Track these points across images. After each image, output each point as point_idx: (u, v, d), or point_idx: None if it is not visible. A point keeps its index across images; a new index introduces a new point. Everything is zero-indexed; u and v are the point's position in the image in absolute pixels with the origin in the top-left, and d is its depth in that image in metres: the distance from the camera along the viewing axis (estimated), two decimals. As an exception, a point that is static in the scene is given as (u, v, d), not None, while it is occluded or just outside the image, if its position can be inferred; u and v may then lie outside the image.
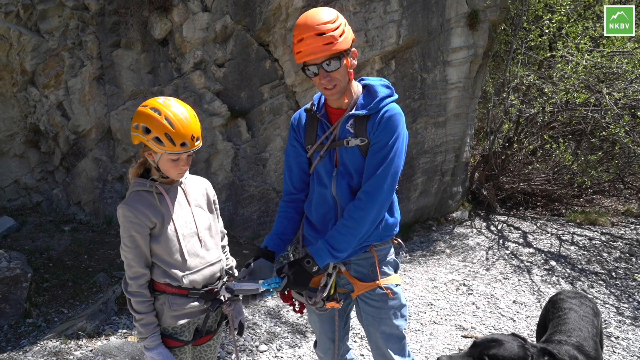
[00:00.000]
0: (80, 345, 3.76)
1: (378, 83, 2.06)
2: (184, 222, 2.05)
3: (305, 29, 1.85)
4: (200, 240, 2.09)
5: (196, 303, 2.06)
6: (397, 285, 2.15)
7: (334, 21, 1.85)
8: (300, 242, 2.25)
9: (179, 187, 2.09)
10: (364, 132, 1.98)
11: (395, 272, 2.19)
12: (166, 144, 1.85)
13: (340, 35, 1.86)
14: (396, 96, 2.04)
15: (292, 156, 2.22)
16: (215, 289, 2.11)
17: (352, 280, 2.14)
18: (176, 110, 1.89)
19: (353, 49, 1.96)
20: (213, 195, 2.25)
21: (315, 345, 2.46)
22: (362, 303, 2.16)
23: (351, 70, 1.98)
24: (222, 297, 2.10)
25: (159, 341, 1.97)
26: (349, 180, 2.04)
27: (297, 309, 2.28)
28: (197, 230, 2.08)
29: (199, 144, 1.94)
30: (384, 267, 2.15)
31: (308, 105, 2.18)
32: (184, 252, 2.01)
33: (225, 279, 2.20)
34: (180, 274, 2.00)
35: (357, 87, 2.08)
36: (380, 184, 1.94)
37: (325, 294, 2.07)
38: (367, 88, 2.06)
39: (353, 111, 2.01)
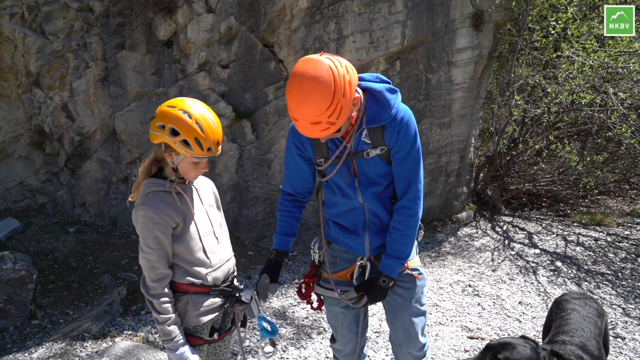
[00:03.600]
0: (86, 346, 3.76)
1: (382, 87, 1.96)
2: (201, 221, 2.07)
3: (299, 115, 1.74)
4: (216, 238, 2.13)
5: (217, 299, 2.10)
6: (420, 266, 2.25)
7: (329, 105, 1.69)
8: (324, 241, 2.27)
9: (192, 187, 2.11)
10: (382, 140, 1.97)
11: (417, 254, 2.27)
12: (194, 148, 1.85)
13: (339, 116, 1.73)
14: (399, 94, 2.00)
15: (293, 169, 2.22)
16: (231, 285, 2.19)
17: None
18: (205, 114, 1.88)
19: (355, 98, 1.81)
20: (217, 194, 2.30)
21: (332, 340, 2.47)
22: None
23: (353, 114, 1.90)
24: (237, 294, 2.16)
25: (185, 339, 1.98)
26: (375, 188, 2.06)
27: (314, 307, 2.34)
28: (212, 229, 2.12)
29: (220, 148, 1.96)
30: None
31: None
32: (206, 250, 2.05)
33: (235, 273, 2.27)
34: (204, 271, 2.03)
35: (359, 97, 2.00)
36: (419, 187, 2.03)
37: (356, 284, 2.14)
38: (371, 94, 1.96)
39: (365, 125, 1.95)
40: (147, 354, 3.53)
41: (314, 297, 2.36)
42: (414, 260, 2.22)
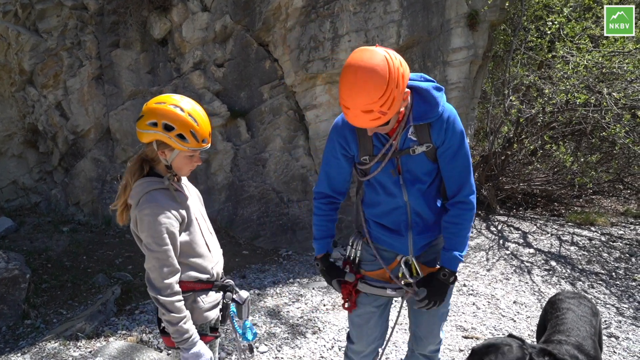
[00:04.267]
0: (79, 346, 3.74)
1: (428, 85, 1.97)
2: (198, 216, 2.10)
3: (352, 103, 1.74)
4: (210, 233, 2.17)
5: (218, 294, 2.13)
6: None
7: (383, 94, 1.69)
8: (370, 241, 2.26)
9: (182, 184, 2.12)
10: (428, 138, 1.99)
11: None
12: (190, 140, 1.87)
13: (390, 106, 1.73)
14: (444, 93, 2.02)
15: (334, 167, 2.20)
16: (225, 279, 2.22)
17: (420, 266, 2.23)
18: (194, 107, 1.92)
19: (405, 92, 1.81)
20: (199, 193, 2.33)
21: (350, 341, 2.45)
22: None
23: (401, 109, 1.90)
24: (234, 290, 2.20)
25: (198, 336, 1.97)
26: (419, 185, 2.08)
27: (347, 307, 2.31)
28: (206, 224, 2.16)
29: (210, 140, 2.00)
30: None
31: None
32: (207, 244, 2.08)
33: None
34: (209, 265, 2.06)
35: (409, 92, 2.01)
36: (472, 182, 2.07)
37: (403, 282, 2.18)
38: (417, 92, 1.97)
39: (412, 122, 1.97)
40: (141, 353, 3.51)
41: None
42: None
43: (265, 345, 3.84)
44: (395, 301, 2.37)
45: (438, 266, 2.22)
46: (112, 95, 6.43)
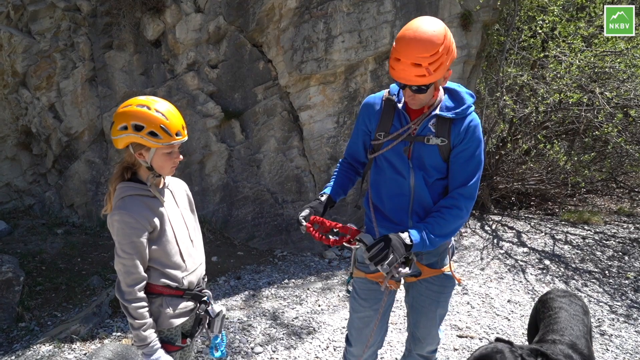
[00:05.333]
0: (74, 348, 3.73)
1: (463, 90, 2.11)
2: (177, 224, 2.08)
3: (405, 53, 1.85)
4: (191, 241, 2.14)
5: (190, 303, 2.11)
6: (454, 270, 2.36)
7: (435, 52, 1.83)
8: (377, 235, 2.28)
9: (166, 189, 2.10)
10: (447, 134, 2.04)
11: (450, 259, 2.34)
12: (163, 136, 1.87)
13: (437, 69, 1.86)
14: (474, 104, 2.12)
15: (354, 140, 2.35)
16: (202, 289, 2.19)
17: (420, 267, 2.27)
18: (162, 103, 1.93)
19: (448, 71, 1.96)
20: (191, 196, 2.31)
21: (349, 344, 2.46)
22: (423, 287, 2.31)
23: (439, 88, 2.05)
24: (209, 301, 2.19)
25: (159, 344, 1.98)
26: (424, 174, 2.12)
27: (332, 240, 2.12)
28: (188, 232, 2.13)
29: (186, 132, 1.99)
30: (448, 254, 2.32)
31: (385, 93, 2.24)
32: (182, 253, 2.05)
33: (205, 278, 2.28)
34: (180, 275, 2.04)
35: (439, 90, 2.12)
36: (474, 191, 2.08)
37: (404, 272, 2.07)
38: (450, 92, 2.11)
39: (438, 111, 2.06)
40: (136, 355, 3.51)
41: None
42: (449, 265, 2.30)
43: (261, 346, 3.85)
44: (397, 301, 2.37)
45: (441, 268, 2.26)
46: (105, 97, 6.40)
